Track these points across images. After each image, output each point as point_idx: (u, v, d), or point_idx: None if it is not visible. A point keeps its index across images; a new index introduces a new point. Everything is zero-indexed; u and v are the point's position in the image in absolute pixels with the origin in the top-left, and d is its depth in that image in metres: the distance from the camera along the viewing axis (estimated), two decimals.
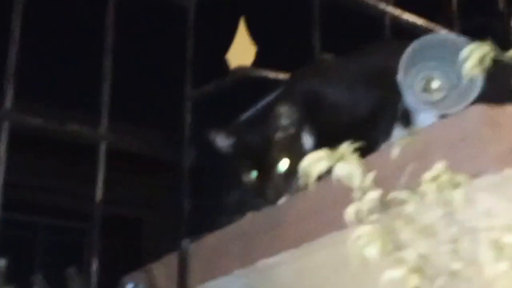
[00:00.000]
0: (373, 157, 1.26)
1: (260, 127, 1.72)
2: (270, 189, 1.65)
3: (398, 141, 1.28)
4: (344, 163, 1.15)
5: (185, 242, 1.93)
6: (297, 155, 1.66)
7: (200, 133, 2.03)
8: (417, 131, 1.34)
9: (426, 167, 1.20)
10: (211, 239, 1.90)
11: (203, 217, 1.98)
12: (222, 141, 1.76)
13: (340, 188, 1.46)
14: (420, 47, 1.59)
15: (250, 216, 1.78)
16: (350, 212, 1.10)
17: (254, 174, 1.69)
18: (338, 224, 1.48)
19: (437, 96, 1.66)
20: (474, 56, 1.13)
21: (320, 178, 1.16)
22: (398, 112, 1.71)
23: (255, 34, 2.08)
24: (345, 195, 1.46)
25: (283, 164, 1.69)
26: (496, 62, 1.14)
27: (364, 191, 1.12)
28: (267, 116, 1.69)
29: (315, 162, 1.13)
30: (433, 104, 1.63)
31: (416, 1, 2.48)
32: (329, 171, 1.17)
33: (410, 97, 1.62)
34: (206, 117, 1.97)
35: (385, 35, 2.33)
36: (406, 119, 1.72)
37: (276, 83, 2.06)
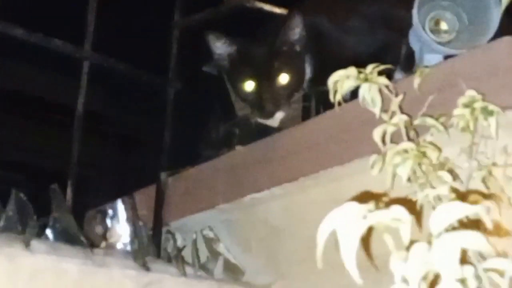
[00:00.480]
0: (396, 85, 1.19)
1: (266, 39, 1.66)
2: (268, 100, 1.60)
3: (419, 70, 1.22)
4: (370, 84, 1.08)
5: (163, 175, 1.85)
6: (298, 73, 1.64)
7: (188, 63, 1.94)
8: (441, 63, 1.28)
9: (451, 98, 1.15)
10: (193, 172, 1.82)
11: (187, 149, 1.90)
12: (221, 47, 1.69)
13: (342, 120, 1.41)
14: None
15: (239, 150, 1.70)
16: (375, 135, 1.04)
17: (251, 84, 1.63)
18: (338, 158, 1.43)
19: (444, 38, 1.61)
20: None
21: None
22: (400, 56, 1.65)
23: None
24: (345, 128, 1.42)
25: (284, 78, 1.64)
26: None
27: (391, 115, 1.06)
28: (272, 32, 1.64)
29: (342, 78, 1.06)
30: (443, 43, 1.58)
31: None
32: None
33: (420, 35, 1.55)
34: (194, 48, 1.87)
35: None
36: (408, 64, 1.67)
37: (271, 16, 1.97)
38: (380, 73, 1.13)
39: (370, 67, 1.10)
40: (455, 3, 1.59)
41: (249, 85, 1.65)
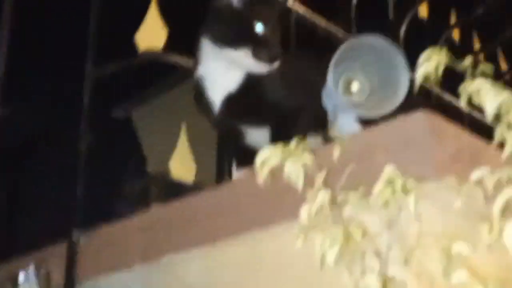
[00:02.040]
0: (315, 154, 1.22)
1: None
2: (276, 44, 1.66)
3: (340, 140, 1.26)
4: (293, 161, 1.11)
5: (76, 232, 1.80)
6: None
7: (101, 114, 1.92)
8: (360, 133, 1.33)
9: (368, 169, 1.20)
10: (108, 230, 1.78)
11: (100, 206, 1.86)
12: None
13: (260, 185, 1.43)
14: (347, 48, 1.58)
15: (155, 209, 1.69)
16: (303, 212, 1.06)
17: (261, 27, 1.65)
18: (257, 221, 1.45)
19: (357, 98, 1.67)
20: (431, 63, 1.12)
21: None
22: (314, 119, 1.69)
23: (166, 16, 1.98)
24: (264, 192, 1.44)
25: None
26: None
27: (315, 191, 1.09)
28: None
29: (268, 157, 1.08)
30: (356, 105, 1.64)
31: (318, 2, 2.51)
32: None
33: (333, 97, 1.61)
34: (108, 98, 1.85)
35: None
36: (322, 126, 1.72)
37: (185, 70, 1.98)
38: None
39: (293, 143, 1.13)
40: (366, 65, 1.65)
41: (260, 27, 1.66)
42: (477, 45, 3.69)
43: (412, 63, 3.06)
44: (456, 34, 3.51)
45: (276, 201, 1.38)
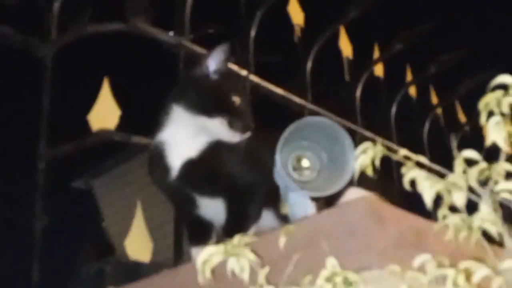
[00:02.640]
0: (261, 244, 1.24)
1: None
2: (250, 116, 1.74)
3: (285, 229, 1.28)
4: (236, 258, 1.12)
5: None
6: None
7: (56, 194, 1.91)
8: (304, 220, 1.35)
9: (313, 257, 1.22)
10: None
11: None
12: (219, 62, 1.75)
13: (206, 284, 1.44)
14: (296, 128, 1.62)
15: None
16: None
17: (238, 99, 1.74)
18: None
19: (307, 175, 1.70)
20: (368, 156, 1.15)
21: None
22: (268, 194, 1.71)
23: (119, 96, 2.01)
24: (216, 281, 1.44)
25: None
26: None
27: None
28: None
29: (210, 257, 1.09)
30: (303, 184, 1.66)
31: (273, 71, 2.57)
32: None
33: (282, 176, 1.63)
34: (62, 178, 1.85)
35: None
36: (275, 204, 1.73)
37: (140, 147, 1.99)
38: None
39: (236, 239, 1.14)
40: (315, 143, 1.68)
41: (237, 100, 1.73)
42: (434, 99, 3.78)
43: (369, 121, 3.12)
44: (413, 90, 3.59)
45: None
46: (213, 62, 1.74)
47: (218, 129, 1.70)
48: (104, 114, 1.95)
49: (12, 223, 1.88)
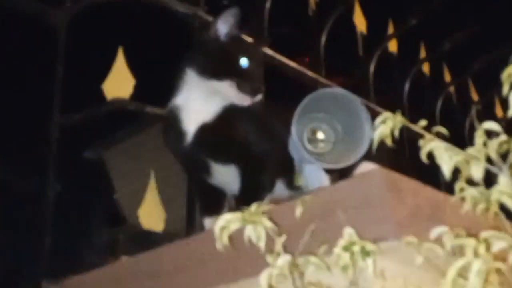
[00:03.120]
0: (277, 213, 1.23)
1: None
2: (259, 78, 1.76)
3: (301, 199, 1.27)
4: (253, 225, 1.12)
5: (45, 284, 1.79)
6: None
7: (70, 161, 1.92)
8: (321, 191, 1.35)
9: (329, 227, 1.21)
10: (77, 281, 1.77)
11: (69, 256, 1.85)
12: (228, 25, 1.74)
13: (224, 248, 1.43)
14: (312, 100, 1.60)
15: (124, 260, 1.68)
16: (263, 279, 1.07)
17: (246, 61, 1.73)
18: (224, 276, 1.45)
19: (322, 147, 1.69)
20: (387, 126, 1.14)
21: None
22: (282, 164, 1.70)
23: (133, 66, 2.00)
24: (232, 248, 1.44)
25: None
26: None
27: (276, 256, 1.10)
28: None
29: (227, 223, 1.09)
30: (318, 156, 1.66)
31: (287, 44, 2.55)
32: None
33: (297, 147, 1.62)
34: (75, 147, 1.85)
35: None
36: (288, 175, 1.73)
37: (154, 117, 1.99)
38: None
39: (253, 207, 1.14)
40: (330, 115, 1.67)
41: (244, 61, 1.73)
42: (447, 77, 3.75)
43: (382, 98, 3.10)
44: (426, 68, 3.56)
45: (241, 257, 1.38)
46: (222, 25, 1.75)
47: (228, 91, 1.70)
48: (119, 83, 1.94)
49: (25, 191, 1.88)
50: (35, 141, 2.04)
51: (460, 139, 3.51)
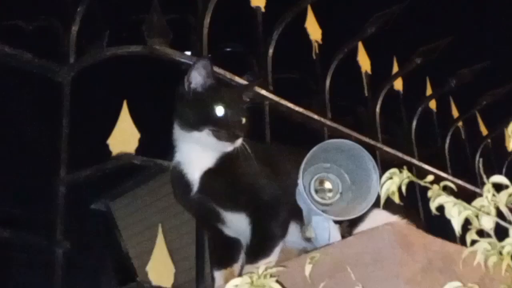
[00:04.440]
0: (286, 272, 1.22)
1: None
2: (236, 125, 1.74)
3: (310, 256, 1.25)
4: None
5: None
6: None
7: (76, 220, 1.91)
8: (330, 247, 1.33)
9: (340, 285, 1.20)
10: None
11: None
12: (205, 75, 1.78)
13: None
14: (319, 150, 1.59)
15: None
16: None
17: (221, 109, 1.74)
18: None
19: (329, 198, 1.67)
20: (394, 182, 1.13)
21: None
22: (293, 210, 1.69)
23: (138, 119, 2.00)
24: None
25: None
26: None
27: None
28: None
29: None
30: (326, 207, 1.64)
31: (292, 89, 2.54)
32: None
33: (305, 199, 1.60)
34: (82, 201, 1.85)
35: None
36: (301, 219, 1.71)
37: (160, 169, 1.98)
38: None
39: (261, 269, 1.12)
40: (337, 165, 1.66)
41: (219, 109, 1.73)
42: (455, 112, 3.73)
43: (390, 137, 3.07)
44: (433, 104, 3.54)
45: None
46: (195, 77, 1.77)
47: (207, 140, 1.72)
48: (124, 137, 1.94)
49: (33, 249, 1.86)
50: (42, 199, 2.04)
51: (471, 175, 3.47)
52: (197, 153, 1.74)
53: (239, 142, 1.73)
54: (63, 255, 1.87)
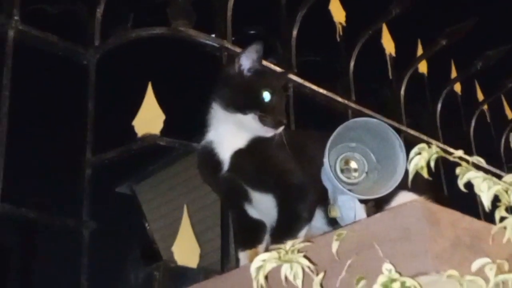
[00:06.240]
0: (312, 249, 1.21)
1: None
2: (282, 111, 1.77)
3: (337, 233, 1.25)
4: (289, 264, 1.10)
5: None
6: None
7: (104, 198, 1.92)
8: (356, 224, 1.32)
9: (367, 262, 1.19)
10: None
11: None
12: (251, 60, 1.79)
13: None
14: (344, 130, 1.58)
15: None
16: None
17: (268, 95, 1.76)
18: None
19: (355, 177, 1.66)
20: (422, 157, 1.12)
21: None
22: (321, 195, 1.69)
23: (163, 100, 2.01)
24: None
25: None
26: None
27: None
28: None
29: (263, 263, 1.08)
30: (352, 186, 1.63)
31: (316, 71, 2.53)
32: None
33: (330, 178, 1.60)
34: (108, 183, 1.86)
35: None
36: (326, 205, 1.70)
37: (185, 151, 1.98)
38: None
39: (289, 244, 1.12)
40: (363, 144, 1.65)
41: (266, 95, 1.76)
42: (480, 95, 3.70)
43: (414, 120, 3.05)
44: (458, 87, 3.51)
45: None
46: (246, 60, 1.79)
47: (251, 124, 1.74)
48: (149, 119, 1.95)
49: (60, 229, 1.89)
50: (69, 180, 2.06)
51: (496, 158, 3.44)
52: (232, 134, 1.76)
53: (281, 129, 1.75)
54: (89, 235, 1.88)
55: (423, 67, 3.30)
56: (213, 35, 2.22)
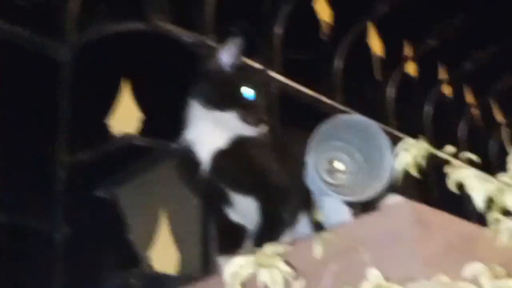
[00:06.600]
0: (294, 253, 1.13)
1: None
2: (262, 109, 1.69)
3: (320, 237, 1.18)
4: (268, 269, 1.02)
5: None
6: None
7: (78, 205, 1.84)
8: (341, 227, 1.24)
9: (352, 267, 1.12)
10: None
11: None
12: (232, 56, 1.71)
13: None
14: (328, 128, 1.51)
15: None
16: None
17: (249, 91, 1.69)
18: None
19: (340, 178, 1.58)
20: (410, 154, 1.04)
21: None
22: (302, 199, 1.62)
23: (141, 98, 1.93)
24: None
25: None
26: None
27: None
28: None
29: (239, 268, 0.99)
30: (337, 188, 1.55)
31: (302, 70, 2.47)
32: None
33: (315, 179, 1.52)
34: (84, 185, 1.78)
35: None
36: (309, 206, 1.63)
37: (163, 154, 1.91)
38: None
39: (268, 249, 1.04)
40: (348, 144, 1.57)
41: (247, 92, 1.69)
42: (469, 98, 3.64)
43: (402, 122, 3.00)
44: (447, 89, 3.45)
45: None
46: (226, 56, 1.71)
47: (231, 122, 1.66)
48: (125, 117, 1.87)
49: (32, 234, 1.80)
50: (41, 182, 1.97)
51: (487, 162, 3.39)
52: (211, 133, 1.69)
53: (262, 127, 1.67)
54: (63, 239, 1.80)
55: (411, 68, 3.24)
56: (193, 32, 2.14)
